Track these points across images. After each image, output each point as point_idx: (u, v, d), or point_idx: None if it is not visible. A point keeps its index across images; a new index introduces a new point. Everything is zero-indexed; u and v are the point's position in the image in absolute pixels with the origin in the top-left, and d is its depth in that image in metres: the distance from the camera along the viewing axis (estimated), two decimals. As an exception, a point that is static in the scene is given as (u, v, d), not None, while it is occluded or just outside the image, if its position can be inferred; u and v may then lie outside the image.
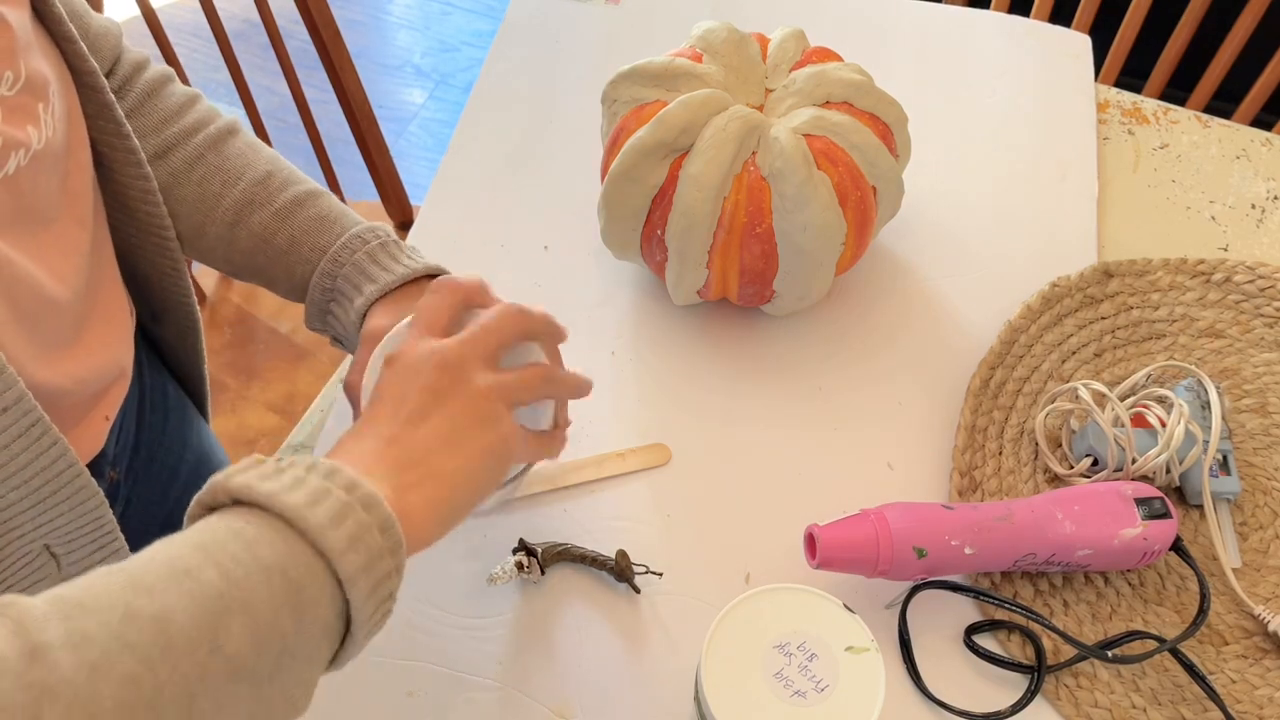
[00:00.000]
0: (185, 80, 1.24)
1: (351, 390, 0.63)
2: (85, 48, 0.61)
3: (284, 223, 0.71)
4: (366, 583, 0.45)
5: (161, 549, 0.42)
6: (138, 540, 0.61)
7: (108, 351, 0.65)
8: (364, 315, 0.67)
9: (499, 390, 0.54)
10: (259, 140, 0.75)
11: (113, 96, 0.64)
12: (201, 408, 0.87)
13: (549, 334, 0.59)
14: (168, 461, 0.80)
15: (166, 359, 0.82)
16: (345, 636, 0.46)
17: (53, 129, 0.57)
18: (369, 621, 0.46)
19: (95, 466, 0.67)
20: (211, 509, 0.46)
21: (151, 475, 0.78)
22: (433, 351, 0.53)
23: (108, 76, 0.72)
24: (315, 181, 0.74)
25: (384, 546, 0.46)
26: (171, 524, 0.81)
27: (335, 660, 0.47)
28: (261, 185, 0.72)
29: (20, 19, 0.56)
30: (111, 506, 0.60)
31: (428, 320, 0.56)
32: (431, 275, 0.68)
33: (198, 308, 0.75)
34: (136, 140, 0.66)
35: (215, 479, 0.46)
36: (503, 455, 0.53)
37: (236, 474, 0.45)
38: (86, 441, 0.64)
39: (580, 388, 0.61)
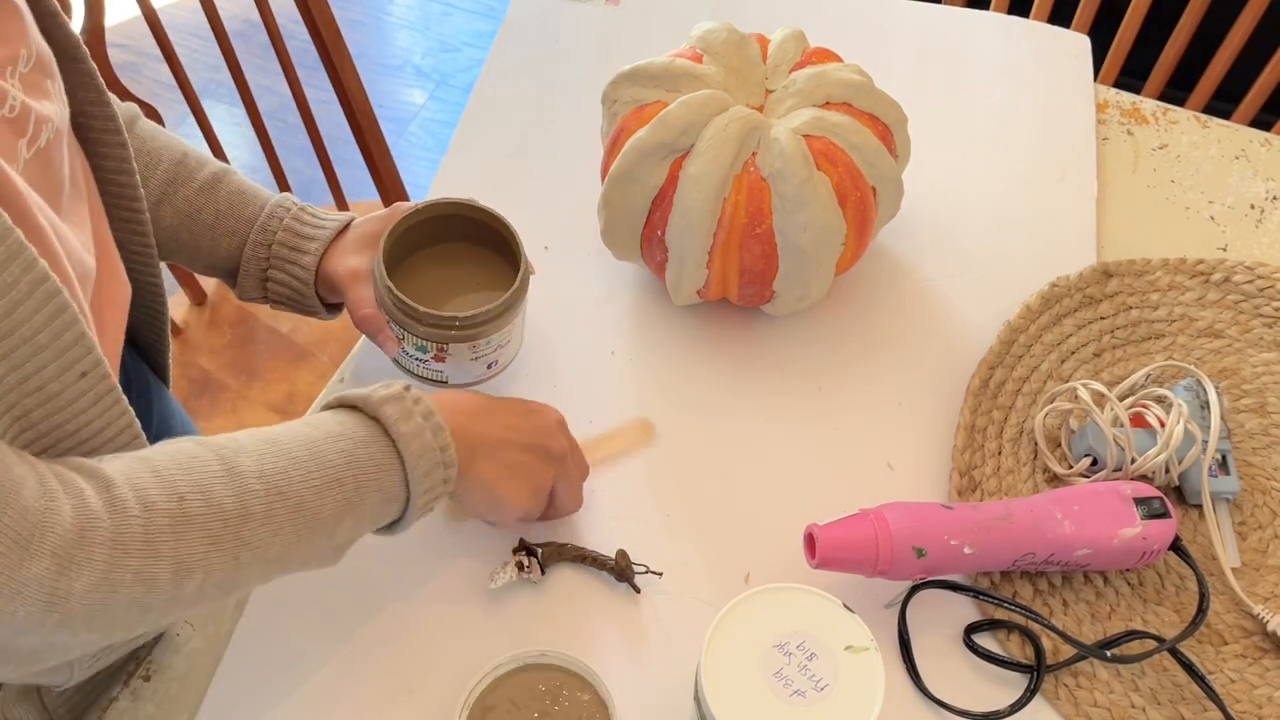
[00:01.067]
0: (186, 80, 1.24)
1: (372, 322, 0.73)
2: (65, 20, 0.62)
3: (209, 198, 0.77)
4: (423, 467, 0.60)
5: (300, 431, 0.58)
6: None
7: (121, 321, 0.66)
8: (316, 270, 0.76)
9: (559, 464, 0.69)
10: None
11: (94, 65, 0.65)
12: (163, 377, 0.87)
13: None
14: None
15: (134, 339, 0.82)
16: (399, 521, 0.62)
17: (62, 102, 0.59)
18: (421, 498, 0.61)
19: None
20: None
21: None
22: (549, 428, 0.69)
23: None
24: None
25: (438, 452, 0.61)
26: None
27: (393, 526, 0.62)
28: (181, 164, 0.77)
29: None
30: None
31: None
32: (348, 223, 0.77)
33: (164, 287, 0.76)
34: (115, 108, 0.66)
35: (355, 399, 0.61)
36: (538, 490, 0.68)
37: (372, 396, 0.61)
38: None
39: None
